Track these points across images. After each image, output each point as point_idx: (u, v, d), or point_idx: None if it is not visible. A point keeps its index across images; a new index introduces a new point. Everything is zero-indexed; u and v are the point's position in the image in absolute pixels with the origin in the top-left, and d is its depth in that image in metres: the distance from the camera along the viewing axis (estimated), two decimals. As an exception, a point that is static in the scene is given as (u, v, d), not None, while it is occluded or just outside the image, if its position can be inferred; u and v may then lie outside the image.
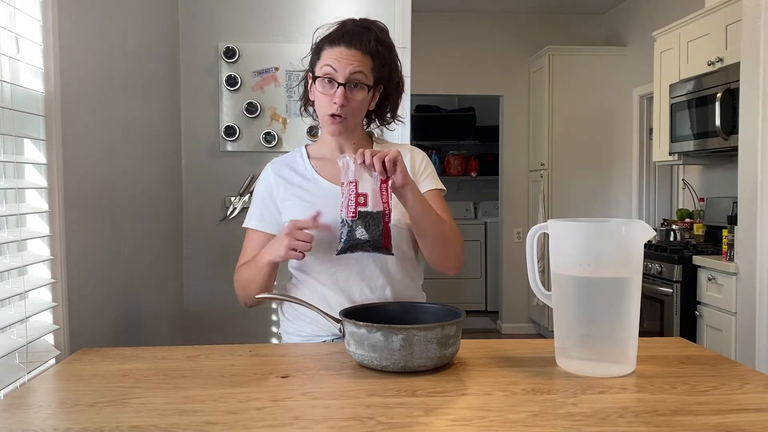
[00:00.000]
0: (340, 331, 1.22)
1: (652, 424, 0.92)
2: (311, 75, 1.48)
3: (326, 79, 1.42)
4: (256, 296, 1.40)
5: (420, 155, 1.60)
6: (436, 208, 1.47)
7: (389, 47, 1.49)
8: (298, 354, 1.32)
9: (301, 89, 1.58)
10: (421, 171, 1.57)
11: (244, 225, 1.57)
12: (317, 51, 1.46)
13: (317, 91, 1.45)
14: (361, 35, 1.43)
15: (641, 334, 1.19)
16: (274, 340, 2.62)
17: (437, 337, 1.15)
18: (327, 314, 1.28)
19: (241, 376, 1.16)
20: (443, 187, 1.58)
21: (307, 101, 1.56)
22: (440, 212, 1.48)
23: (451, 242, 1.47)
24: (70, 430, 0.91)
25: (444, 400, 1.03)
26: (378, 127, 1.64)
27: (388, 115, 1.58)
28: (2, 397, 1.14)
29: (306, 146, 1.60)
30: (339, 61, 1.41)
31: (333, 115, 1.43)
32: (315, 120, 1.58)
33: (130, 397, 1.05)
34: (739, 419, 0.94)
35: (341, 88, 1.41)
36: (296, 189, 1.52)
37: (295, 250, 1.35)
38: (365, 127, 1.61)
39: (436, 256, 1.47)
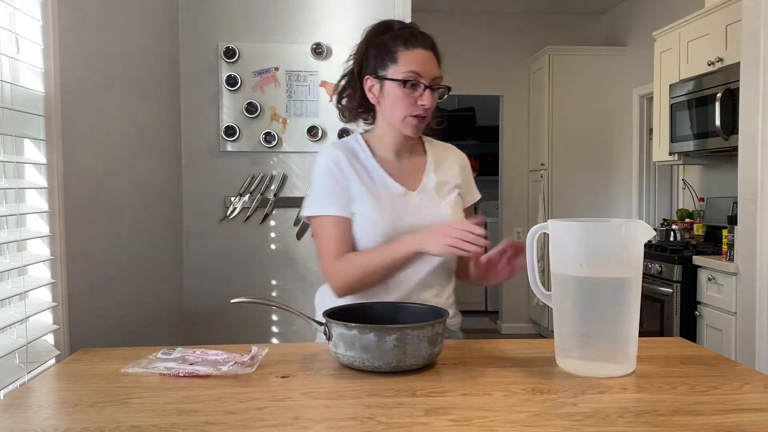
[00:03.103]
0: (325, 334, 1.21)
1: (652, 424, 0.92)
2: (377, 75, 1.42)
3: (411, 83, 1.40)
4: (232, 300, 1.31)
5: (467, 161, 1.61)
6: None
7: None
8: (298, 354, 1.32)
9: (348, 93, 1.50)
10: (470, 180, 1.59)
11: (317, 213, 1.43)
12: (391, 54, 1.41)
13: (398, 94, 1.40)
14: (424, 36, 1.43)
15: (641, 334, 1.19)
16: (275, 340, 2.62)
17: (428, 335, 1.15)
18: (309, 317, 1.26)
19: (242, 376, 1.16)
20: (479, 195, 1.61)
21: (360, 104, 1.49)
22: None
23: None
24: (70, 430, 0.91)
25: (444, 400, 1.03)
26: None
27: None
28: (2, 397, 1.14)
29: (363, 137, 1.52)
30: (424, 64, 1.40)
31: (418, 116, 1.42)
32: (367, 123, 1.53)
33: (130, 397, 1.05)
34: (739, 419, 0.94)
35: (428, 90, 1.40)
36: (367, 183, 1.45)
37: (456, 249, 1.25)
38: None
39: (476, 281, 1.52)
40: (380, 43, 1.43)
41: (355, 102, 1.50)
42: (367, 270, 1.38)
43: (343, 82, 1.52)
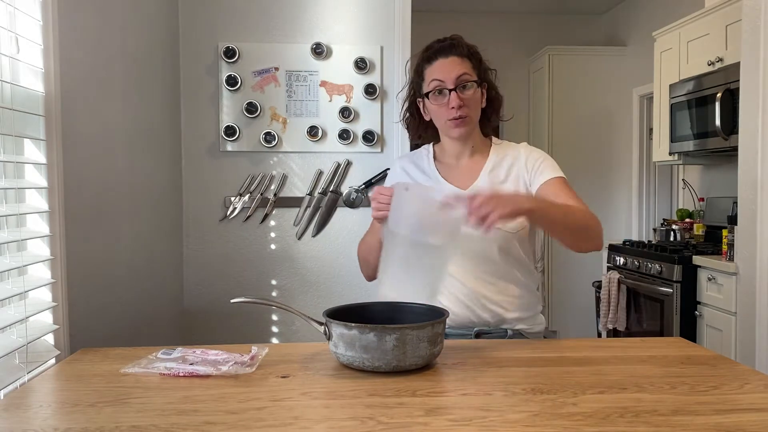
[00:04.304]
0: (325, 334, 1.22)
1: (652, 424, 0.92)
2: (421, 96, 1.57)
3: (437, 91, 1.51)
4: (232, 300, 1.35)
5: (536, 152, 1.60)
6: (559, 195, 1.48)
7: (478, 52, 1.59)
8: (298, 354, 1.32)
9: (408, 116, 1.65)
10: (537, 166, 1.57)
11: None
12: (419, 73, 1.57)
13: (432, 106, 1.54)
14: (452, 45, 1.54)
15: (642, 333, 1.20)
16: (275, 340, 2.62)
17: (428, 335, 1.16)
18: (309, 317, 1.27)
19: (241, 376, 1.16)
20: (563, 175, 1.58)
21: (420, 124, 1.64)
22: (566, 198, 1.47)
23: (582, 229, 1.44)
24: (70, 430, 0.91)
25: (444, 400, 1.03)
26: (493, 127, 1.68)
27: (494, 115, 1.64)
28: (2, 397, 1.14)
29: (434, 146, 1.66)
30: (443, 70, 1.50)
31: (455, 119, 1.51)
32: (436, 139, 1.64)
33: (130, 397, 1.05)
34: (739, 419, 0.94)
35: (453, 92, 1.49)
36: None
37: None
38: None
39: (568, 243, 1.47)
40: (416, 68, 1.59)
41: (416, 123, 1.65)
42: (360, 253, 1.62)
43: (404, 108, 1.66)
